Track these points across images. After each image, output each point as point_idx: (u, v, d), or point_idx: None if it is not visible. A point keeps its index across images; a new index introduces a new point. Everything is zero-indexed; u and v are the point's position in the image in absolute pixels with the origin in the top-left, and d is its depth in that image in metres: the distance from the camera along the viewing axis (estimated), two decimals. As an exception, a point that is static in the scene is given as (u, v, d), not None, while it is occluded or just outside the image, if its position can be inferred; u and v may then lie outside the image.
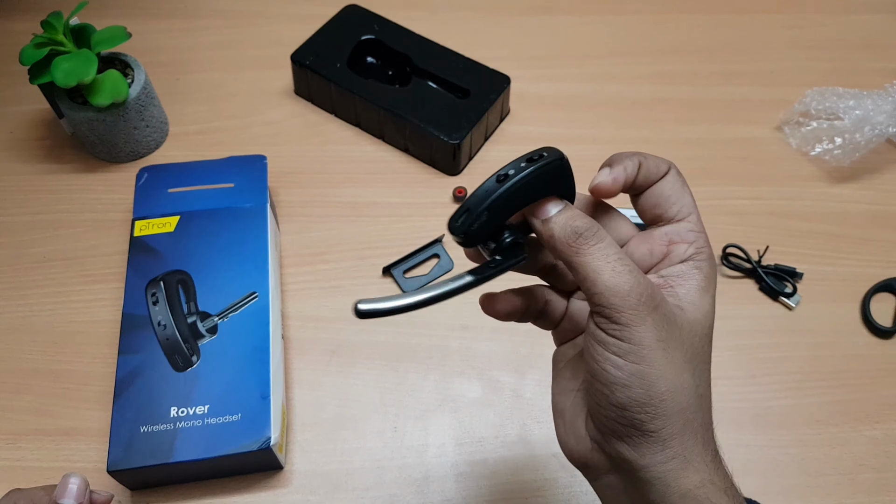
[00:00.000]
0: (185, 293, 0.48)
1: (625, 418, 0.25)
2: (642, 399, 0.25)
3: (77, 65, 0.51)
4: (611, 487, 0.28)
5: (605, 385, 0.25)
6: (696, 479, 0.26)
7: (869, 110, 0.59)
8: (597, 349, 0.26)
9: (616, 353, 0.25)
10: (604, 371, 0.25)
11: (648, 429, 0.25)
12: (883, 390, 0.50)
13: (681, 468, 0.26)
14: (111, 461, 0.41)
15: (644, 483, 0.26)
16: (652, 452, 0.25)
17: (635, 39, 0.70)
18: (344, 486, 0.45)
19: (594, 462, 0.28)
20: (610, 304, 0.25)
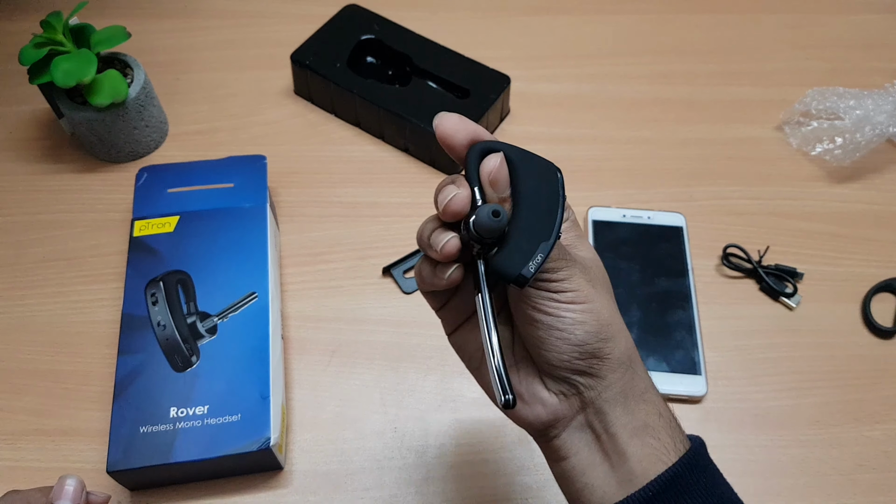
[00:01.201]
0: (184, 293, 0.47)
1: (586, 352, 0.29)
2: (595, 328, 0.29)
3: (76, 65, 0.51)
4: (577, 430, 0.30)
5: (565, 329, 0.29)
6: (641, 384, 0.30)
7: (869, 110, 0.59)
8: (549, 304, 0.29)
9: (566, 301, 0.29)
10: (562, 318, 0.29)
11: (605, 352, 0.29)
12: (883, 390, 0.49)
13: (631, 377, 0.30)
14: (111, 462, 0.41)
15: (608, 402, 0.29)
16: (611, 371, 0.29)
17: (635, 39, 0.70)
18: (344, 486, 0.45)
19: (563, 412, 0.30)
20: (550, 268, 0.29)
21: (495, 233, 0.27)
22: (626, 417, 0.29)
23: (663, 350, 0.50)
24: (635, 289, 0.53)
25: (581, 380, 0.30)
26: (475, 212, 0.28)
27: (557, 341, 0.29)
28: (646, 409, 0.30)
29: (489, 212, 0.27)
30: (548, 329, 0.29)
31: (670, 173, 0.60)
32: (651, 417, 0.30)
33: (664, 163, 0.61)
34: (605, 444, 0.30)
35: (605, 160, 0.61)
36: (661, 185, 0.59)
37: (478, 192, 0.29)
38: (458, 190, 0.28)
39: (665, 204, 0.58)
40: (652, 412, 0.30)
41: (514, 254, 0.27)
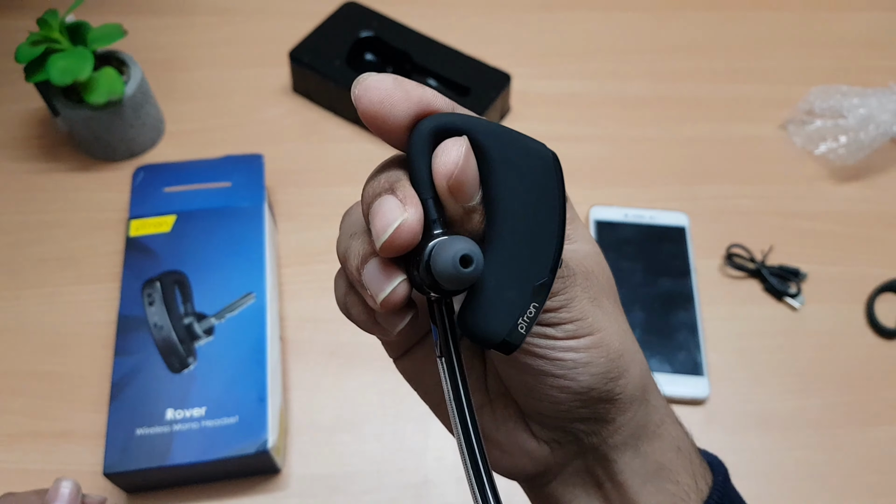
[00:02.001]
0: (181, 294, 0.47)
1: (593, 398, 0.22)
2: (605, 368, 0.22)
3: (73, 63, 0.51)
4: (574, 477, 0.25)
5: (564, 376, 0.21)
6: (656, 416, 0.24)
7: (874, 109, 0.59)
8: (540, 343, 0.21)
9: (565, 336, 0.21)
10: (559, 361, 0.21)
11: (615, 393, 0.22)
12: (888, 391, 0.49)
13: (645, 412, 0.24)
14: (107, 464, 0.41)
15: (615, 449, 0.24)
16: (622, 412, 0.23)
17: (638, 37, 0.69)
18: (342, 489, 0.44)
19: (554, 462, 0.24)
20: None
21: (464, 285, 0.18)
22: (636, 461, 0.24)
23: (666, 351, 0.49)
24: (637, 289, 0.52)
25: (583, 427, 0.23)
26: (432, 248, 0.18)
27: (552, 389, 0.22)
28: (661, 445, 0.24)
29: (455, 257, 0.17)
30: (539, 375, 0.22)
31: (673, 172, 0.60)
32: (667, 455, 0.24)
33: (667, 162, 0.60)
34: (609, 494, 0.24)
35: (607, 159, 0.60)
36: (663, 184, 0.59)
37: (432, 205, 0.19)
38: (405, 213, 0.18)
39: (668, 203, 0.57)
40: (668, 448, 0.24)
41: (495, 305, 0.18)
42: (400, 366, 0.26)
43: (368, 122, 0.19)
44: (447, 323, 0.20)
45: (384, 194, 0.19)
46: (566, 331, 0.21)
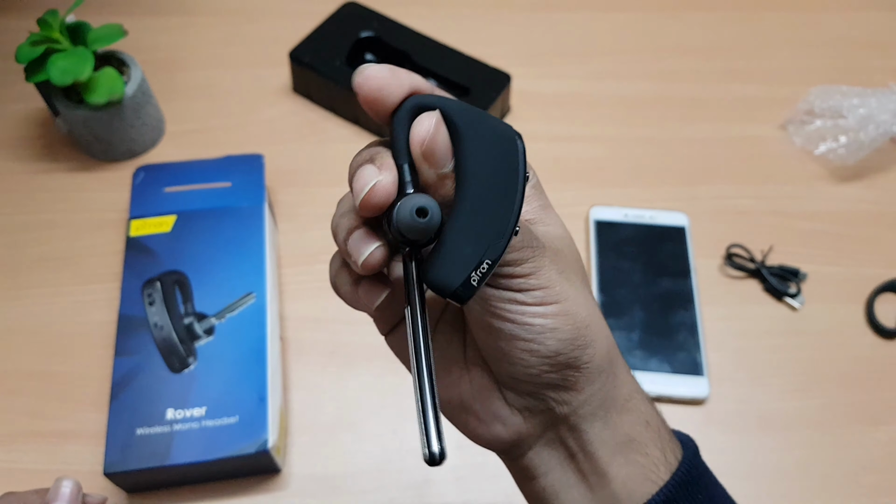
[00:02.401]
0: (181, 294, 0.47)
1: (559, 363, 0.24)
2: (571, 334, 0.23)
3: (73, 63, 0.51)
4: (547, 448, 0.26)
5: (533, 340, 0.23)
6: (624, 390, 0.26)
7: (873, 109, 0.59)
8: (511, 308, 0.23)
9: (534, 303, 0.23)
10: (528, 325, 0.23)
11: (582, 361, 0.24)
12: (888, 391, 0.49)
13: (612, 385, 0.25)
14: (107, 464, 0.41)
15: (585, 419, 0.25)
16: (590, 382, 0.24)
17: (637, 37, 0.69)
18: (342, 489, 0.45)
19: (527, 431, 0.26)
20: (512, 260, 0.23)
21: (423, 235, 0.21)
22: (606, 433, 0.25)
23: (665, 351, 0.49)
24: (637, 289, 0.52)
25: (553, 395, 0.25)
26: (398, 204, 0.21)
27: (523, 353, 0.23)
28: (630, 419, 0.25)
29: (412, 208, 0.20)
30: (510, 339, 0.23)
31: (673, 172, 0.60)
32: (636, 428, 0.25)
33: (667, 162, 0.60)
34: (581, 464, 0.25)
35: (606, 159, 0.60)
36: (663, 184, 0.59)
37: (407, 170, 0.22)
38: (380, 175, 0.21)
39: (668, 203, 0.57)
40: (637, 422, 0.25)
41: (453, 258, 0.21)
42: (389, 341, 0.28)
43: (368, 107, 0.22)
44: (413, 273, 0.23)
45: (364, 164, 0.22)
46: (534, 297, 0.23)
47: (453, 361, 0.27)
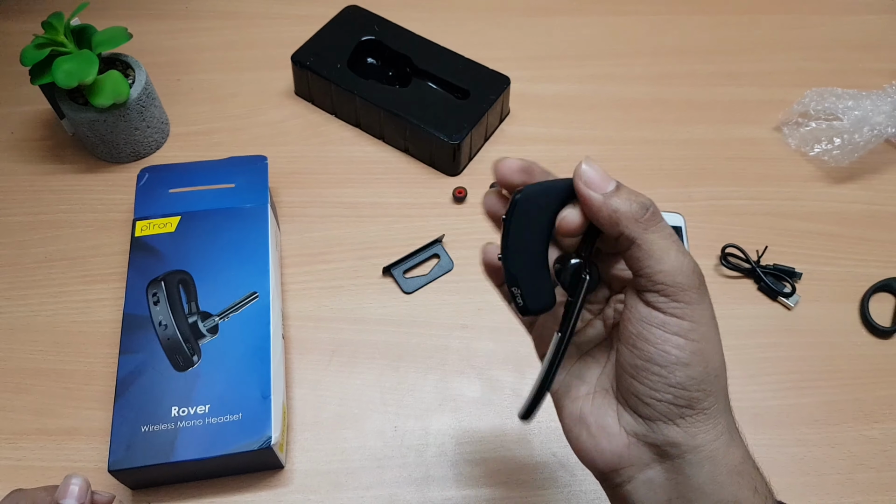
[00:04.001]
0: (185, 293, 0.48)
1: (682, 398, 0.25)
2: (700, 376, 0.25)
3: (78, 65, 0.51)
4: (647, 485, 0.27)
5: (664, 367, 0.25)
6: (738, 453, 0.26)
7: (868, 111, 0.59)
8: (654, 332, 0.25)
9: (678, 333, 0.25)
10: (664, 353, 0.25)
11: (703, 406, 0.25)
12: (881, 390, 0.50)
13: (727, 444, 0.26)
14: (112, 461, 0.41)
15: (692, 466, 0.26)
16: (705, 431, 0.26)
17: (635, 40, 0.70)
18: (344, 485, 0.45)
19: (632, 459, 0.27)
20: (675, 283, 0.25)
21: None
22: (711, 486, 0.25)
23: (662, 350, 0.50)
24: (634, 289, 0.53)
25: (666, 429, 0.26)
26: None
27: (653, 376, 0.26)
28: (739, 482, 0.26)
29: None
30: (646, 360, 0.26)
31: (669, 173, 0.60)
32: (744, 492, 0.26)
33: (663, 163, 0.61)
34: None
35: (604, 160, 0.61)
36: (659, 185, 0.59)
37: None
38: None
39: (664, 204, 0.58)
40: (746, 486, 0.26)
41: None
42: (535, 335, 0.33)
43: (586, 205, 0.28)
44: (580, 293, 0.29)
45: None
46: (681, 328, 0.25)
47: (586, 382, 0.30)
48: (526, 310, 0.29)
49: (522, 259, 0.28)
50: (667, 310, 0.25)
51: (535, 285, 0.28)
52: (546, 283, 0.28)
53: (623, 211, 0.26)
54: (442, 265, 0.55)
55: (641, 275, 0.26)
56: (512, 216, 0.28)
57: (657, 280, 0.25)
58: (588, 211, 0.27)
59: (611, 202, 0.26)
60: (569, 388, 0.30)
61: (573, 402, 0.30)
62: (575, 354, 0.31)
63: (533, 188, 0.28)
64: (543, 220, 0.28)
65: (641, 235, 0.26)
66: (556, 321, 0.30)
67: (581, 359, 0.31)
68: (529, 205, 0.28)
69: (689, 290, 0.25)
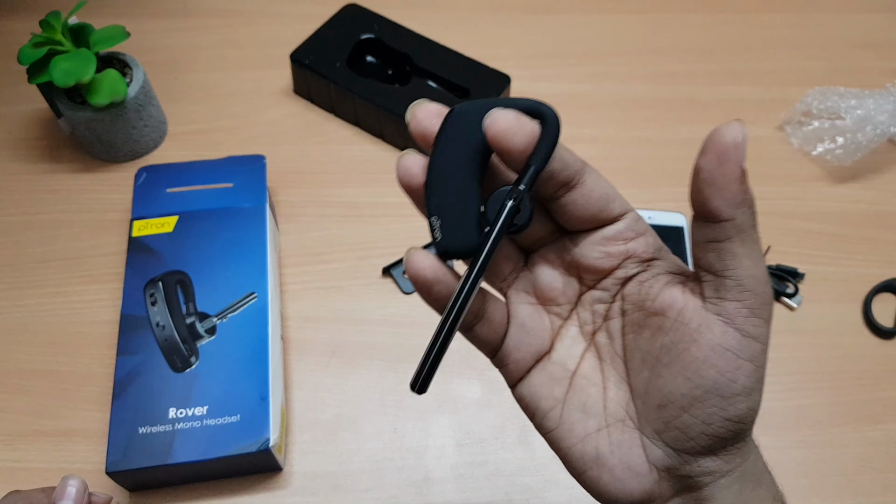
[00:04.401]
0: (183, 294, 0.47)
1: (735, 430, 0.22)
2: (757, 405, 0.22)
3: (75, 64, 0.51)
4: None
5: (728, 398, 0.22)
6: (760, 464, 0.25)
7: (870, 110, 0.59)
8: (725, 356, 0.22)
9: (748, 359, 0.22)
10: (732, 382, 0.22)
11: (746, 434, 0.23)
12: (884, 391, 0.49)
13: (754, 459, 0.24)
14: (110, 462, 0.41)
15: (722, 489, 0.24)
16: (740, 455, 0.24)
17: (636, 39, 0.70)
18: (343, 487, 0.45)
19: (659, 492, 0.24)
20: (762, 293, 0.21)
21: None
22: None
23: (664, 350, 0.50)
24: (636, 289, 0.52)
25: (704, 461, 0.23)
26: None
27: (711, 409, 0.22)
28: (761, 493, 0.24)
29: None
30: (706, 390, 0.22)
31: (671, 173, 0.60)
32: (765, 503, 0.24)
33: (665, 162, 0.61)
34: None
35: (605, 160, 0.61)
36: (661, 184, 0.59)
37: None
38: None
39: (666, 204, 0.57)
40: (767, 498, 0.25)
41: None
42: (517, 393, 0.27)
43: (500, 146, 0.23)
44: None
45: None
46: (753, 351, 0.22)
47: (590, 415, 0.25)
48: (443, 249, 0.24)
49: (447, 182, 0.24)
50: (745, 327, 0.22)
51: (459, 219, 0.24)
52: (472, 221, 0.24)
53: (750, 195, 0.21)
54: (442, 265, 0.54)
55: (728, 276, 0.22)
56: (441, 133, 0.23)
57: (746, 287, 0.21)
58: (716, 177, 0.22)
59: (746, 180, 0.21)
60: (571, 425, 0.25)
61: (582, 442, 0.25)
62: (564, 379, 0.26)
63: (472, 103, 0.24)
64: (479, 143, 0.23)
65: (751, 231, 0.21)
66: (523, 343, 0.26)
67: (572, 384, 0.26)
68: (463, 119, 0.23)
69: (768, 305, 0.22)
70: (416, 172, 0.24)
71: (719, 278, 0.22)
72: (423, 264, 0.23)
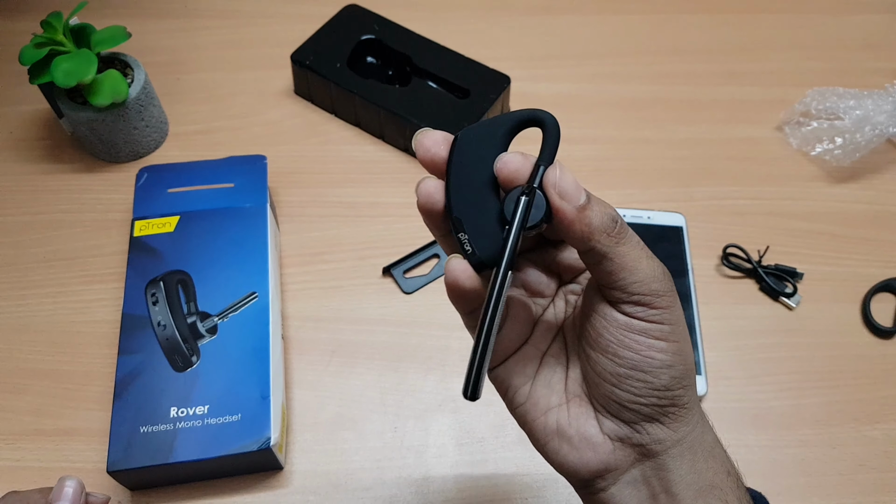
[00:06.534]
0: (184, 293, 0.47)
1: (666, 398, 0.25)
2: (681, 373, 0.25)
3: (77, 65, 0.51)
4: (632, 485, 0.27)
5: (649, 372, 0.25)
6: (710, 437, 0.27)
7: (869, 110, 0.59)
8: (637, 339, 0.25)
9: (659, 338, 0.25)
10: (648, 359, 0.25)
11: (684, 401, 0.26)
12: (883, 390, 0.49)
13: (702, 430, 0.27)
14: (111, 461, 0.41)
15: (675, 459, 0.26)
16: (685, 423, 0.26)
17: (635, 39, 0.70)
18: (344, 486, 0.45)
19: (617, 462, 0.27)
20: (652, 291, 0.25)
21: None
22: (691, 476, 0.26)
23: (663, 350, 0.50)
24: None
25: (650, 428, 0.26)
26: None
27: (637, 383, 0.25)
28: (714, 466, 0.26)
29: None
30: (630, 368, 0.25)
31: (670, 173, 0.60)
32: (719, 476, 0.26)
33: (664, 163, 0.61)
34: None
35: (604, 160, 0.61)
36: (661, 185, 0.59)
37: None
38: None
39: (665, 204, 0.58)
40: (720, 470, 0.26)
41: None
42: (492, 375, 0.29)
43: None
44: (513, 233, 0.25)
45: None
46: (662, 332, 0.25)
47: (554, 391, 0.28)
48: (478, 260, 0.25)
49: (467, 201, 0.26)
50: (646, 317, 0.25)
51: (485, 231, 0.26)
52: (497, 230, 0.26)
53: (596, 225, 0.24)
54: (442, 265, 0.54)
55: (615, 287, 0.25)
56: (453, 158, 0.26)
57: (633, 291, 0.25)
58: (560, 224, 0.25)
59: (584, 216, 0.24)
60: (536, 399, 0.28)
61: (545, 414, 0.28)
62: (535, 358, 0.29)
63: (475, 128, 0.26)
64: (489, 160, 0.26)
65: (614, 249, 0.25)
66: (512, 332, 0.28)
67: (542, 363, 0.29)
68: (471, 143, 0.26)
69: (665, 295, 0.25)
70: (436, 196, 0.26)
71: (609, 289, 0.26)
72: (464, 274, 0.25)
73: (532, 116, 0.27)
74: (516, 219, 0.25)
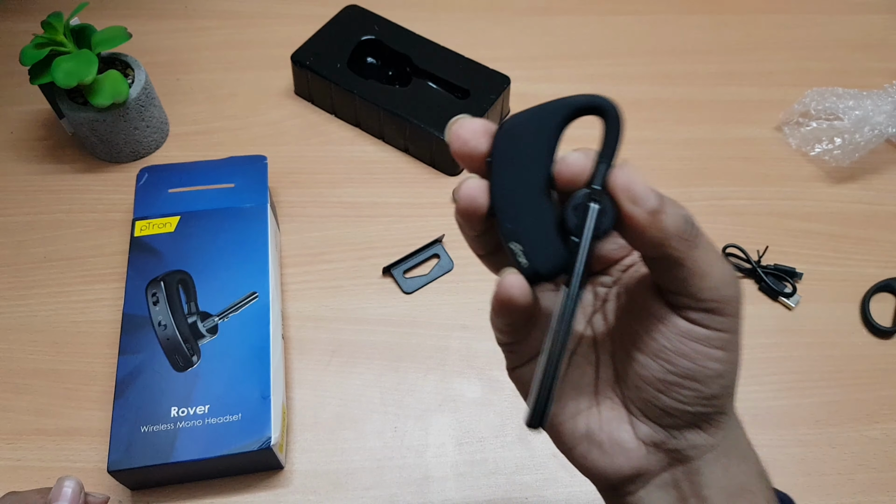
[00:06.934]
0: (185, 293, 0.48)
1: (712, 406, 0.24)
2: (731, 382, 0.24)
3: (77, 65, 0.51)
4: (663, 489, 0.26)
5: (702, 381, 0.23)
6: (744, 440, 0.26)
7: (868, 111, 0.59)
8: (695, 347, 0.23)
9: (718, 347, 0.23)
10: (704, 368, 0.23)
11: (728, 408, 0.25)
12: (882, 390, 0.50)
13: (737, 434, 0.26)
14: (111, 461, 0.41)
15: (710, 463, 0.25)
16: (724, 428, 0.25)
17: (635, 40, 0.70)
18: (344, 485, 0.45)
19: (647, 467, 0.25)
20: (722, 298, 0.23)
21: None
22: (723, 479, 0.25)
23: (663, 350, 0.50)
24: (635, 289, 0.53)
25: (690, 434, 0.25)
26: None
27: (687, 392, 0.24)
28: (746, 469, 0.25)
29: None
30: (682, 376, 0.24)
31: (669, 173, 0.60)
32: (751, 479, 0.25)
33: (663, 163, 0.61)
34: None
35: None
36: (660, 185, 0.58)
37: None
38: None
39: (665, 204, 0.58)
40: (752, 472, 0.26)
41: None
42: (514, 376, 0.27)
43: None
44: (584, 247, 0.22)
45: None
46: (721, 341, 0.23)
47: (583, 392, 0.27)
48: (534, 272, 0.22)
49: (517, 204, 0.22)
50: (711, 325, 0.23)
51: (541, 239, 0.22)
52: (555, 238, 0.22)
53: (671, 231, 0.22)
54: (442, 265, 0.54)
55: (684, 294, 0.23)
56: (495, 152, 0.22)
57: (704, 297, 0.23)
58: (631, 231, 0.22)
59: (658, 221, 0.22)
60: (564, 402, 0.26)
61: (573, 418, 0.26)
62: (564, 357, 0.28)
63: (519, 116, 0.22)
64: (540, 155, 0.22)
65: (688, 254, 0.22)
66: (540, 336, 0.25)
67: (570, 362, 0.27)
68: (517, 135, 0.22)
69: (734, 302, 0.23)
70: (480, 200, 0.23)
71: (677, 295, 0.23)
72: (519, 290, 0.22)
73: (590, 103, 0.23)
74: (587, 230, 0.21)
